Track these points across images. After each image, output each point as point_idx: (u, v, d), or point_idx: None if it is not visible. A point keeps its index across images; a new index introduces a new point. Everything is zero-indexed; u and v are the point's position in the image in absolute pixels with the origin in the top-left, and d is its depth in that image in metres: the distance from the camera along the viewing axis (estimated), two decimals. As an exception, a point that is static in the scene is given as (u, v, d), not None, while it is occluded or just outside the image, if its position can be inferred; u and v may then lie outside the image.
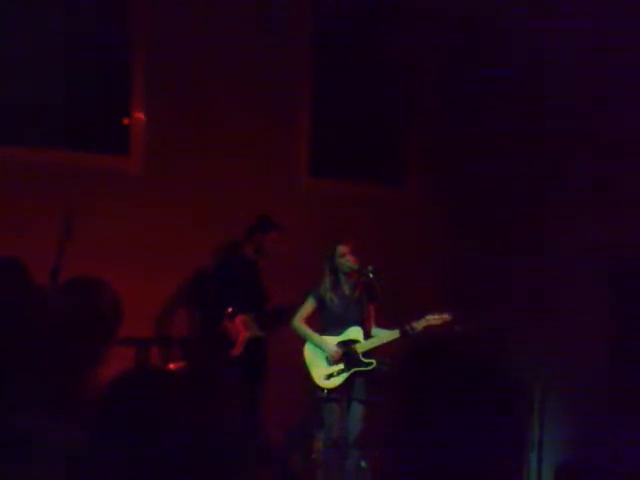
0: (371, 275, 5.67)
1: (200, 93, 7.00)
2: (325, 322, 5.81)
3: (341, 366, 5.66)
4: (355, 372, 5.65)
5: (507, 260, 7.16)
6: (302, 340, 5.82)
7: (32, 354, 2.35)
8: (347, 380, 5.63)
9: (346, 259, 5.75)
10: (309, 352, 5.77)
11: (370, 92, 7.83)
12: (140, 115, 6.91)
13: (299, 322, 5.81)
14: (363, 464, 5.70)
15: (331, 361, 5.66)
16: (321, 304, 5.80)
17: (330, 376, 5.66)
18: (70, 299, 2.82)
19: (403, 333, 5.60)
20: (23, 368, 2.44)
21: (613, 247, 6.52)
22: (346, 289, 5.81)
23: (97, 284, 2.93)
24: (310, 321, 5.85)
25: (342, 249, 5.76)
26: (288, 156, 7.43)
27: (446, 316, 5.64)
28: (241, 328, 6.49)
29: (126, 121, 6.93)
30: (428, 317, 5.64)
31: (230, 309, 6.39)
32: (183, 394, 1.71)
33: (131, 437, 1.66)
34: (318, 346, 5.72)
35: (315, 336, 5.76)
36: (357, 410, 5.63)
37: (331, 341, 5.74)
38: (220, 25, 7.05)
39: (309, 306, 5.82)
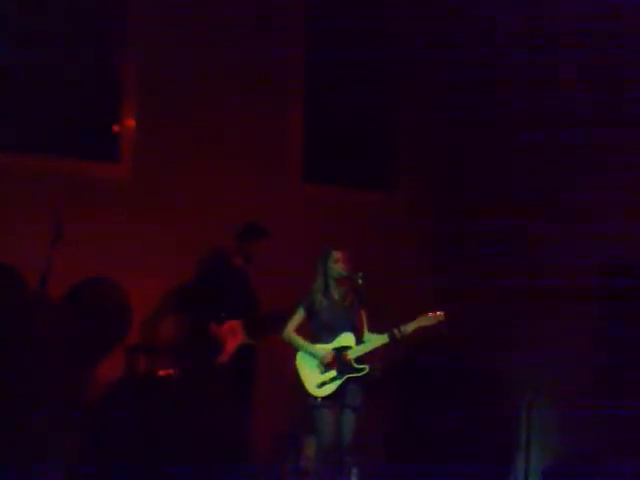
0: (360, 281, 5.68)
1: (191, 100, 7.00)
2: (316, 330, 5.79)
3: (334, 373, 5.65)
4: (348, 378, 5.64)
5: (498, 265, 7.17)
6: (293, 349, 5.80)
7: (32, 358, 2.35)
8: (341, 387, 5.62)
9: (338, 265, 5.75)
10: (301, 361, 5.75)
11: (362, 98, 7.85)
12: (130, 122, 6.90)
13: (290, 332, 5.80)
14: (354, 471, 5.69)
15: (324, 364, 5.64)
16: (311, 312, 5.78)
17: (323, 384, 5.65)
18: (73, 304, 2.82)
19: (392, 337, 5.60)
20: (22, 372, 2.44)
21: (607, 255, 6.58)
22: (335, 294, 5.80)
23: (105, 289, 2.93)
24: (301, 331, 5.83)
25: (336, 255, 5.76)
26: (281, 162, 7.44)
27: (439, 314, 5.64)
28: (229, 335, 6.48)
29: (116, 128, 6.92)
30: (420, 318, 5.64)
31: (223, 314, 6.39)
32: (175, 400, 1.72)
33: (127, 441, 1.66)
34: (310, 354, 5.70)
35: (307, 344, 5.75)
36: (350, 417, 5.61)
37: (323, 348, 5.73)
38: (213, 32, 7.05)
39: (299, 316, 5.81)
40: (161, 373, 5.96)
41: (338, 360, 5.65)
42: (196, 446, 1.47)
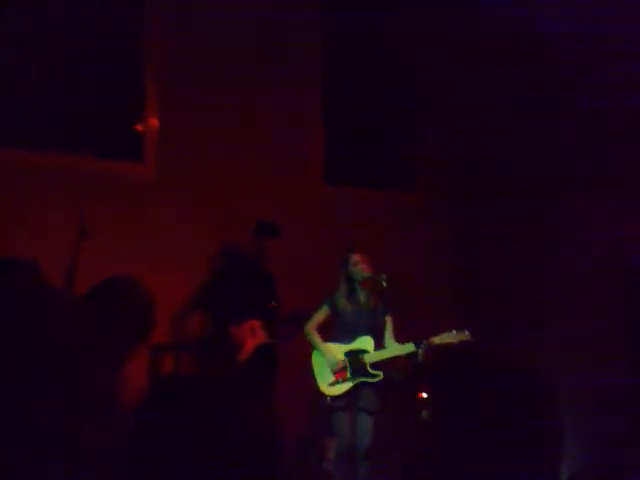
0: (384, 284, 5.64)
1: (213, 100, 7.01)
2: (337, 330, 5.78)
3: (347, 374, 5.61)
4: (361, 382, 5.59)
5: (521, 265, 7.13)
6: (310, 346, 5.79)
7: (51, 357, 2.34)
8: (354, 390, 5.57)
9: (359, 267, 5.72)
10: (316, 359, 5.74)
11: (382, 99, 7.84)
12: (154, 121, 6.92)
13: (311, 328, 5.78)
14: (373, 474, 5.65)
15: (333, 371, 5.61)
16: (334, 311, 5.77)
17: (335, 383, 5.61)
18: (94, 302, 2.82)
19: (418, 348, 5.51)
20: (42, 371, 2.43)
21: (629, 252, 6.52)
22: (361, 298, 5.76)
23: (129, 287, 2.93)
24: (325, 327, 5.82)
25: (355, 257, 5.73)
26: (302, 164, 7.44)
27: (465, 334, 5.52)
28: (249, 334, 6.48)
29: (140, 128, 6.94)
30: (446, 334, 5.52)
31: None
32: (217, 399, 1.71)
33: (170, 445, 1.66)
34: (322, 355, 5.68)
35: (321, 345, 5.72)
36: (365, 421, 5.55)
37: (336, 350, 5.68)
38: (233, 33, 7.06)
39: (323, 313, 5.80)
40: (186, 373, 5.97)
41: (353, 363, 5.60)
42: (223, 446, 1.47)
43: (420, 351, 5.46)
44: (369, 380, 5.58)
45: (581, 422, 6.59)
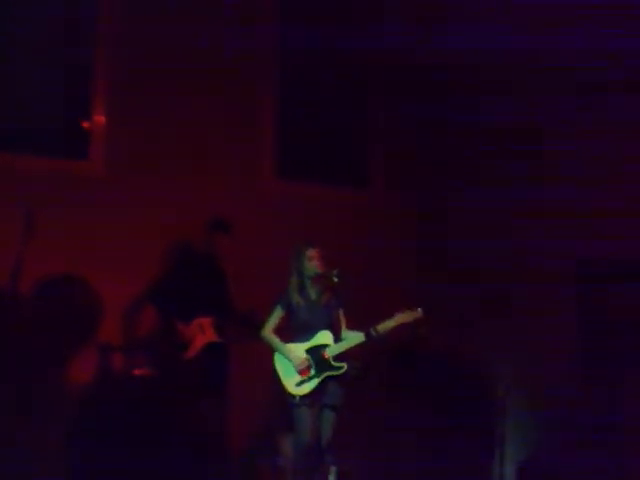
0: (336, 279, 5.63)
1: (162, 95, 6.94)
2: (294, 328, 5.74)
3: (312, 372, 5.61)
4: (327, 377, 5.60)
5: (475, 261, 7.18)
6: (269, 348, 5.76)
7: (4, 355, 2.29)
8: (320, 385, 5.58)
9: (313, 263, 5.69)
10: (279, 361, 5.71)
11: (336, 93, 7.84)
12: (101, 119, 6.83)
13: (268, 332, 5.75)
14: (333, 470, 5.64)
15: (298, 370, 5.60)
16: (289, 309, 5.74)
17: (302, 382, 5.61)
18: (41, 300, 2.77)
19: (368, 336, 5.56)
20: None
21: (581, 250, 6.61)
22: (312, 293, 5.75)
23: (72, 283, 2.88)
24: (281, 329, 5.79)
25: (310, 252, 5.70)
26: (253, 158, 7.39)
27: (417, 313, 5.58)
28: (198, 332, 6.43)
29: (87, 125, 6.85)
30: (397, 316, 5.58)
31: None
32: (155, 399, 1.68)
33: (107, 441, 1.63)
34: (285, 357, 5.66)
35: (282, 346, 5.69)
36: (329, 415, 5.56)
37: (298, 350, 5.67)
38: (183, 27, 6.99)
39: (277, 315, 5.76)
40: (136, 372, 5.90)
41: (316, 358, 5.61)
42: (172, 444, 1.44)
43: (371, 339, 5.49)
44: (334, 373, 5.58)
45: (531, 413, 6.68)
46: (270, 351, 5.73)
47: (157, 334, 6.64)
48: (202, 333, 6.44)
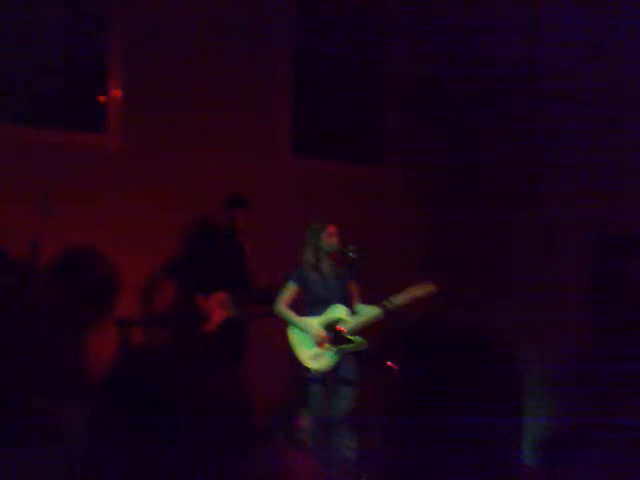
0: (352, 254, 5.64)
1: (179, 71, 6.91)
2: (308, 303, 5.78)
3: (328, 346, 5.62)
4: (343, 350, 5.61)
5: (488, 234, 7.16)
6: (285, 323, 5.77)
7: (17, 335, 2.26)
8: (335, 359, 5.59)
9: (332, 239, 5.72)
10: (294, 335, 5.73)
11: (351, 72, 7.78)
12: (117, 92, 6.80)
13: (282, 306, 5.77)
14: (351, 444, 5.66)
15: (317, 343, 5.62)
16: (302, 285, 5.75)
17: (317, 356, 5.62)
18: (60, 273, 2.75)
19: (384, 309, 5.57)
20: (8, 351, 2.35)
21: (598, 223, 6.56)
22: (325, 267, 5.77)
23: (89, 255, 2.85)
24: (295, 303, 5.80)
25: (329, 229, 5.73)
26: (269, 135, 7.36)
27: (429, 286, 5.62)
28: (217, 307, 6.44)
29: (103, 98, 6.82)
30: (410, 289, 5.61)
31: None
32: (180, 371, 1.65)
33: (136, 419, 1.60)
34: (303, 330, 5.68)
35: (298, 319, 5.73)
36: (344, 391, 5.60)
37: (315, 323, 5.69)
38: (203, 4, 6.94)
39: (290, 290, 5.79)
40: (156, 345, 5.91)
41: (330, 332, 5.62)
42: (197, 416, 1.44)
43: (386, 312, 5.48)
44: (351, 347, 5.58)
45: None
46: (286, 326, 5.74)
47: (176, 308, 6.66)
48: (220, 308, 6.45)
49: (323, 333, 5.63)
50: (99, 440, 1.64)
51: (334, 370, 5.59)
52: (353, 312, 5.69)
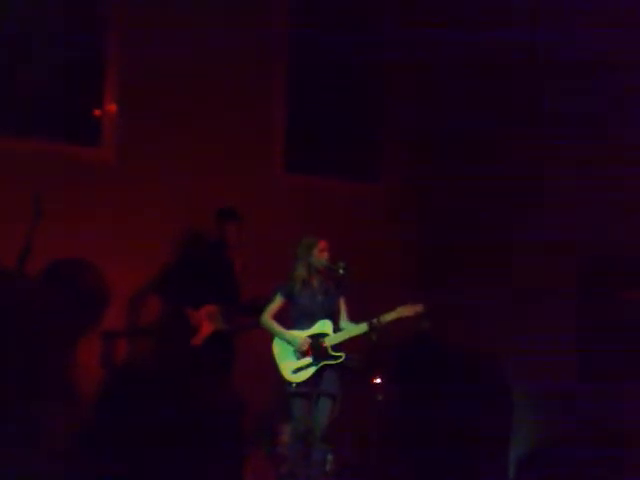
0: (342, 271, 5.69)
1: (173, 86, 6.97)
2: (294, 317, 5.82)
3: (309, 360, 5.66)
4: (324, 365, 5.65)
5: (478, 254, 7.20)
6: (271, 335, 5.82)
7: (8, 343, 2.32)
8: (316, 374, 5.63)
9: (323, 255, 5.78)
10: (277, 347, 5.78)
11: (344, 88, 7.84)
12: (112, 106, 6.86)
13: (267, 318, 5.82)
14: (330, 458, 5.70)
15: (299, 352, 5.66)
16: (290, 299, 5.81)
17: (298, 370, 5.66)
18: (49, 283, 2.80)
19: (371, 326, 5.60)
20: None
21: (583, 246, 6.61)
22: (315, 283, 5.83)
23: (79, 266, 2.91)
24: (281, 316, 5.85)
25: (321, 244, 5.79)
26: (263, 151, 7.42)
27: (418, 307, 5.65)
28: (204, 320, 6.47)
29: (98, 112, 6.88)
30: (399, 309, 5.65)
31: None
32: (171, 388, 1.71)
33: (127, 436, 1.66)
34: (287, 341, 5.72)
35: (283, 331, 5.77)
36: (326, 404, 5.63)
37: (299, 335, 5.74)
38: (194, 19, 7.02)
39: (277, 302, 5.84)
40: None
41: (314, 347, 5.66)
42: (186, 429, 1.48)
43: (373, 330, 5.53)
44: (332, 362, 5.64)
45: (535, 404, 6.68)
46: (271, 339, 5.79)
47: (164, 321, 6.69)
48: (209, 321, 6.49)
49: (307, 342, 5.67)
50: (92, 452, 1.69)
51: (315, 384, 5.62)
52: (339, 328, 5.73)
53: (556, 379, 6.53)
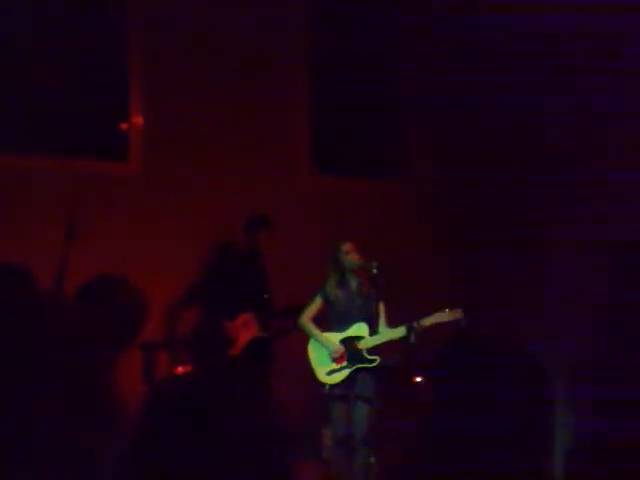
0: (375, 270, 5.67)
1: (197, 96, 7.00)
2: (331, 319, 5.83)
3: (344, 362, 5.65)
4: (358, 368, 5.63)
5: (511, 247, 7.15)
6: (308, 338, 5.83)
7: (50, 359, 2.34)
8: (351, 376, 5.62)
9: (350, 256, 5.76)
10: (313, 349, 5.78)
11: (370, 86, 7.82)
12: (139, 120, 6.90)
13: (305, 320, 5.83)
14: (372, 460, 5.67)
15: (333, 358, 5.66)
16: (328, 302, 5.81)
17: (332, 372, 5.66)
18: (86, 301, 2.82)
19: (410, 330, 5.55)
20: (37, 374, 2.42)
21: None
22: (353, 285, 5.82)
23: (117, 282, 2.93)
24: (320, 319, 5.85)
25: (346, 246, 5.78)
26: (289, 154, 7.44)
27: (457, 313, 5.57)
28: (242, 328, 6.48)
29: (124, 127, 6.92)
30: (438, 314, 5.57)
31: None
32: (214, 399, 1.72)
33: (172, 448, 1.67)
34: (321, 344, 5.72)
35: (318, 334, 5.77)
36: (363, 407, 5.60)
37: (334, 338, 5.73)
38: (218, 26, 7.05)
39: (316, 304, 5.84)
40: (180, 370, 5.98)
41: (349, 349, 5.65)
42: (223, 444, 1.47)
43: (412, 334, 5.49)
44: (366, 366, 5.63)
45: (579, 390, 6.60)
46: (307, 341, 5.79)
47: (201, 331, 6.72)
48: (246, 329, 6.50)
49: (341, 350, 5.66)
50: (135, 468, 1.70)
51: (350, 386, 5.60)
52: (375, 332, 5.69)
53: (587, 382, 6.46)
